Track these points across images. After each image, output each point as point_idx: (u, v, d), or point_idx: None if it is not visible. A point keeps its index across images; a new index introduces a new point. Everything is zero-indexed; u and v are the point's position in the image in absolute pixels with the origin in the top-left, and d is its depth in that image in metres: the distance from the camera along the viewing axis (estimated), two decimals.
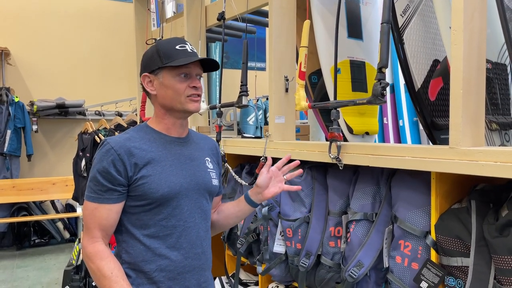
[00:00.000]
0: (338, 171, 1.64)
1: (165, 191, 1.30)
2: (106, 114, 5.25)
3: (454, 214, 1.28)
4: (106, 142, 1.30)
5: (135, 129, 1.39)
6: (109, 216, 1.28)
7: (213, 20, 2.74)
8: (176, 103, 1.33)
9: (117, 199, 1.28)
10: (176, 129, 1.40)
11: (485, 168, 1.10)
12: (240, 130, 3.37)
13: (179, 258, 1.33)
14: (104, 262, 1.24)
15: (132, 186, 1.28)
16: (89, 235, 1.28)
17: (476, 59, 1.22)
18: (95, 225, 1.27)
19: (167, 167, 1.33)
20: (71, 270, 3.07)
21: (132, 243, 1.31)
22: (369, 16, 2.01)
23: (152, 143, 1.34)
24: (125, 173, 1.27)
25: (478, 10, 1.22)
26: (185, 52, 1.33)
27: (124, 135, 1.34)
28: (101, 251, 1.26)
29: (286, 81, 1.97)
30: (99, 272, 1.24)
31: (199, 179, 1.39)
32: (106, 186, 1.26)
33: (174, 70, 1.31)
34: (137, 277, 1.31)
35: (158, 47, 1.35)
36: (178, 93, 1.32)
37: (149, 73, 1.35)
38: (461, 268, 1.25)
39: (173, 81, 1.32)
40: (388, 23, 1.31)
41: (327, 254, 1.69)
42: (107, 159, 1.26)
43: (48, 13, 5.50)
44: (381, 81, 1.32)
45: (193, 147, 1.44)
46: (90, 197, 1.28)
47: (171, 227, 1.32)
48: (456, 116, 1.20)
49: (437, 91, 1.62)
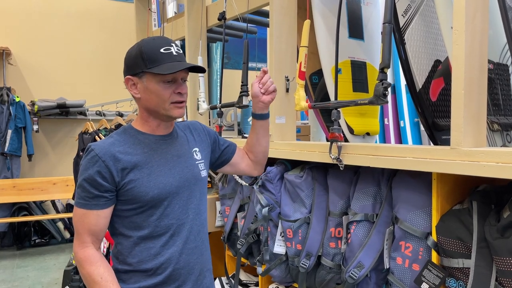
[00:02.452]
0: (339, 172, 1.64)
1: (155, 193, 1.29)
2: (107, 114, 5.24)
3: (455, 215, 1.27)
4: (91, 148, 1.28)
5: (119, 132, 1.37)
6: (98, 222, 1.27)
7: (214, 20, 2.74)
8: (160, 109, 1.31)
9: (105, 204, 1.27)
10: (161, 129, 1.38)
11: (486, 169, 1.10)
12: (241, 131, 3.36)
13: (175, 255, 1.34)
14: (93, 267, 1.24)
15: (121, 191, 1.28)
16: (79, 240, 1.27)
17: (478, 59, 1.22)
18: (85, 230, 1.27)
19: (155, 168, 1.32)
20: (71, 270, 3.06)
21: (127, 245, 1.32)
22: (370, 16, 2.01)
23: (136, 146, 1.32)
24: (112, 179, 1.26)
25: (480, 10, 1.22)
26: (170, 56, 1.28)
27: (108, 140, 1.32)
28: (91, 255, 1.26)
29: (286, 81, 1.96)
30: (89, 278, 1.24)
31: (188, 175, 1.39)
32: (93, 193, 1.25)
33: (158, 76, 1.27)
34: (135, 276, 1.32)
35: (142, 48, 1.29)
36: (162, 99, 1.29)
37: (132, 75, 1.31)
38: (462, 270, 1.25)
39: (157, 86, 1.28)
40: (390, 23, 1.30)
41: (328, 255, 1.68)
42: (92, 166, 1.25)
43: (49, 13, 5.51)
44: (383, 82, 1.32)
45: (179, 142, 1.42)
46: (78, 203, 1.27)
47: (164, 227, 1.32)
48: (458, 117, 1.20)
49: (439, 91, 1.62)
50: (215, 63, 3.80)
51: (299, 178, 1.79)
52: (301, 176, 1.79)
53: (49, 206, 5.33)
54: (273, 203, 1.88)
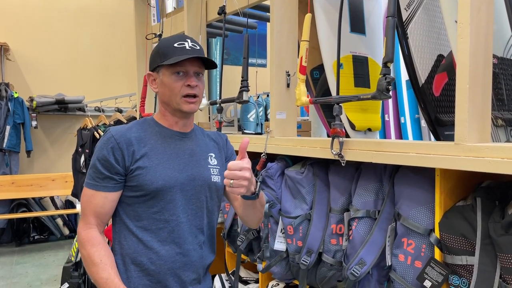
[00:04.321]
0: (340, 168, 1.62)
1: (160, 184, 1.30)
2: (105, 110, 5.22)
3: (459, 211, 1.26)
4: (109, 131, 1.34)
5: (140, 121, 1.42)
6: (105, 204, 1.30)
7: (214, 14, 2.71)
8: (172, 102, 1.35)
9: (113, 187, 1.30)
10: (179, 125, 1.41)
11: (491, 164, 1.08)
12: (241, 127, 3.35)
13: (170, 253, 1.33)
14: (94, 249, 1.26)
15: (129, 176, 1.30)
16: (84, 221, 1.30)
17: (483, 53, 1.20)
18: (91, 211, 1.30)
19: (165, 160, 1.33)
20: (70, 266, 3.05)
21: (125, 234, 1.34)
22: (372, 11, 1.98)
23: (152, 136, 1.36)
24: (123, 162, 1.29)
25: (485, 3, 1.20)
26: (182, 49, 1.32)
27: (126, 125, 1.38)
28: (94, 237, 1.28)
29: (287, 76, 1.94)
30: (89, 259, 1.26)
31: (197, 175, 1.38)
32: (104, 174, 1.29)
33: (170, 68, 1.32)
34: (128, 270, 1.32)
35: (159, 44, 1.37)
36: (173, 92, 1.33)
37: (151, 71, 1.39)
38: (465, 267, 1.23)
39: (169, 79, 1.33)
40: (393, 17, 1.28)
41: (329, 252, 1.67)
42: (107, 147, 1.30)
43: (48, 8, 5.48)
44: (386, 76, 1.30)
45: (195, 143, 1.43)
46: (88, 184, 1.31)
47: (163, 221, 1.32)
48: (462, 112, 1.18)
49: (442, 86, 1.60)
50: (214, 59, 3.77)
51: (300, 174, 1.77)
52: (302, 172, 1.77)
53: (48, 202, 5.33)
54: (274, 200, 1.87)
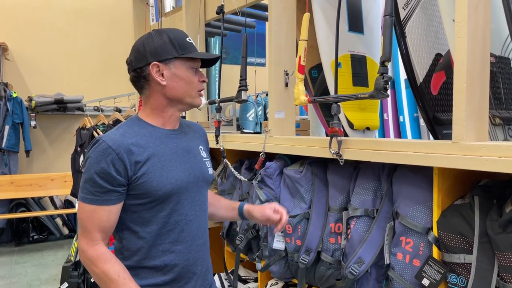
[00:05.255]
0: (339, 167, 1.62)
1: (168, 188, 1.27)
2: (104, 109, 5.22)
3: (457, 210, 1.26)
4: (102, 140, 1.23)
5: (127, 123, 1.33)
6: (109, 218, 1.23)
7: (212, 14, 2.71)
8: (186, 96, 1.32)
9: (117, 199, 1.23)
10: (171, 122, 1.36)
11: (489, 163, 1.08)
12: (240, 126, 3.35)
13: (183, 252, 1.32)
14: (109, 265, 1.20)
15: (132, 185, 1.23)
16: (88, 237, 1.22)
17: (481, 52, 1.20)
18: (95, 227, 1.22)
19: (167, 162, 1.29)
20: (69, 266, 3.05)
21: (134, 240, 1.28)
22: (371, 10, 1.98)
23: (148, 138, 1.29)
24: (125, 172, 1.21)
25: (483, 2, 1.20)
26: (193, 45, 1.34)
27: (118, 131, 1.27)
28: (103, 253, 1.22)
29: (286, 75, 1.94)
30: (105, 276, 1.19)
31: (197, 172, 1.38)
32: (105, 188, 1.20)
33: (188, 62, 1.31)
34: (141, 272, 1.29)
35: (170, 35, 1.30)
36: (191, 86, 1.32)
37: (159, 61, 1.28)
38: (463, 265, 1.23)
39: (187, 72, 1.31)
40: (391, 16, 1.28)
41: (327, 251, 1.67)
42: (105, 159, 1.20)
43: (46, 7, 5.46)
44: (384, 75, 1.30)
45: (187, 138, 1.42)
46: (87, 199, 1.22)
47: (173, 223, 1.30)
48: (460, 110, 1.18)
49: (440, 85, 1.60)
50: None
51: (299, 173, 1.77)
52: (300, 171, 1.78)
53: (47, 202, 5.32)
54: (273, 199, 1.87)
